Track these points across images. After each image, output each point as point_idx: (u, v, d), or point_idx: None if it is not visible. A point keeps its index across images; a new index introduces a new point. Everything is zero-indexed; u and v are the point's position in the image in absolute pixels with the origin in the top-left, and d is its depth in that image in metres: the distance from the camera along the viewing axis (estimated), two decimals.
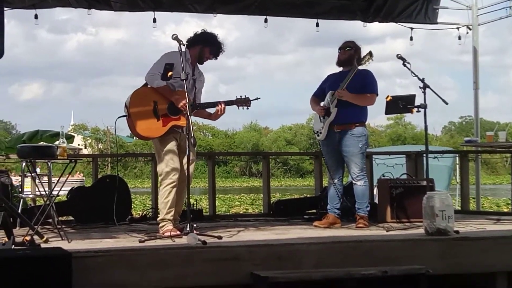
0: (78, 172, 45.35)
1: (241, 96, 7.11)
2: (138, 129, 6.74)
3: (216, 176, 10.43)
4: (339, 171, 7.90)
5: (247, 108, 7.17)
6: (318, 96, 8.01)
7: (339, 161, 7.84)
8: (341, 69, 7.86)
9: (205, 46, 7.03)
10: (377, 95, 7.73)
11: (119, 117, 6.83)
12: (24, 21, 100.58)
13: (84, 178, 44.05)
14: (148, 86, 6.84)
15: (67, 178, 7.03)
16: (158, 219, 6.91)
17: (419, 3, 11.04)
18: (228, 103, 7.05)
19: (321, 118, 7.82)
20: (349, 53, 7.77)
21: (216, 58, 7.18)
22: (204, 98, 7.23)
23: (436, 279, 5.81)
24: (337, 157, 7.81)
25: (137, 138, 7.24)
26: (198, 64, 7.13)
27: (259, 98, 7.25)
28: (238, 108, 7.13)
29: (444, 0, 11.35)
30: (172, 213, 6.73)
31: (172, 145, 6.78)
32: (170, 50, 6.74)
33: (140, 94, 6.83)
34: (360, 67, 7.59)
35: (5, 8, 6.10)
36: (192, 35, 7.10)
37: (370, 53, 7.56)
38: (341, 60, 7.83)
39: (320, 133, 7.84)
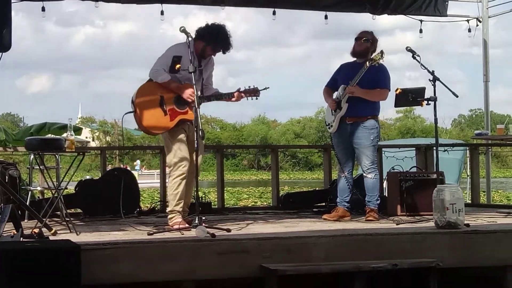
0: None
1: (249, 87, 7.06)
2: (145, 124, 6.71)
3: (225, 169, 10.39)
4: (349, 164, 7.86)
5: (256, 99, 7.11)
6: (331, 86, 7.97)
7: (350, 154, 7.80)
8: (355, 59, 7.81)
9: (208, 44, 6.87)
10: (389, 90, 7.67)
11: (126, 113, 6.80)
12: (31, 14, 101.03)
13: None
14: (153, 81, 6.80)
15: (75, 170, 7.03)
16: (167, 210, 6.89)
17: None
18: (246, 92, 6.99)
19: (333, 111, 7.78)
20: (365, 45, 7.69)
21: (224, 53, 7.06)
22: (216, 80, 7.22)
23: (447, 272, 5.78)
24: (347, 150, 7.78)
25: (145, 133, 7.21)
26: None
27: (268, 88, 7.20)
28: (247, 99, 7.07)
29: None
30: (181, 205, 6.70)
31: (181, 137, 6.73)
32: (177, 43, 6.69)
33: (146, 89, 6.78)
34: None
35: (12, 1, 6.08)
36: (203, 25, 6.95)
37: (381, 53, 7.49)
38: (356, 51, 7.75)
39: (331, 126, 7.80)
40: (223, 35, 6.91)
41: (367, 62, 7.48)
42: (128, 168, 9.79)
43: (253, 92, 7.06)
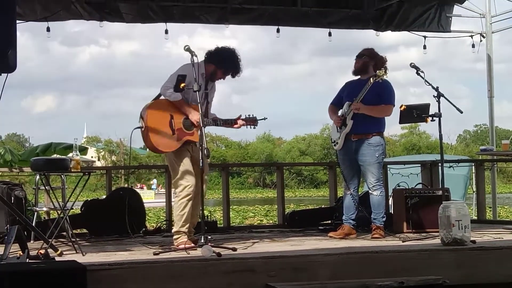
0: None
1: (249, 115, 7.17)
2: (153, 141, 6.71)
3: (230, 187, 10.38)
4: (354, 181, 7.85)
5: (254, 128, 7.26)
6: (336, 104, 7.99)
7: (355, 171, 7.79)
8: (359, 76, 7.83)
9: (219, 68, 6.96)
10: (393, 105, 7.68)
11: (135, 128, 6.81)
12: (37, 34, 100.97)
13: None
14: (163, 98, 6.82)
15: (81, 191, 7.03)
16: (172, 231, 6.88)
17: (432, 12, 11.02)
18: (246, 120, 7.11)
19: (338, 128, 7.79)
20: (363, 61, 7.74)
21: (233, 77, 7.13)
22: (216, 108, 7.24)
23: None
24: (353, 167, 7.78)
25: (150, 151, 7.22)
26: None
27: (266, 118, 7.32)
28: (246, 127, 7.20)
29: (457, 8, 11.32)
30: (187, 225, 6.70)
31: (186, 158, 6.75)
32: (187, 63, 6.72)
33: (157, 106, 6.80)
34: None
35: (17, 21, 6.11)
36: (213, 48, 7.04)
37: (385, 69, 7.50)
38: (355, 69, 7.81)
39: (337, 143, 7.80)
40: (234, 59, 7.00)
41: (371, 79, 7.50)
42: (144, 188, 9.82)
43: (252, 122, 7.19)
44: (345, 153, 7.80)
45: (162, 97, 6.83)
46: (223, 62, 6.95)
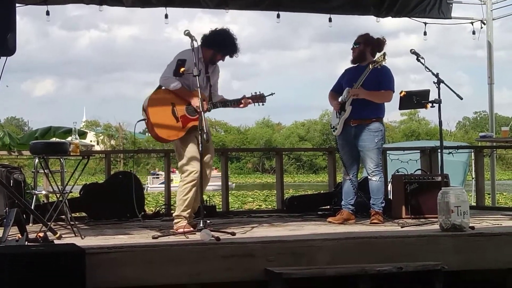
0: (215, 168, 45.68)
1: (255, 93, 7.14)
2: (158, 132, 6.71)
3: (229, 172, 10.39)
4: (354, 167, 7.85)
5: (262, 105, 7.23)
6: (336, 91, 7.97)
7: (355, 157, 7.79)
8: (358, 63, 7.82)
9: (218, 51, 6.96)
10: (393, 91, 7.67)
11: (138, 121, 6.82)
12: (36, 18, 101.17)
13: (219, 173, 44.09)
14: (163, 88, 6.82)
15: (80, 174, 7.04)
16: (173, 214, 6.89)
17: None
18: (253, 98, 7.10)
19: (337, 114, 7.78)
20: (358, 50, 7.72)
21: (231, 57, 7.11)
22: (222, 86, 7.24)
23: (452, 275, 5.77)
24: (352, 152, 7.77)
25: (157, 141, 7.24)
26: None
27: (274, 93, 7.31)
28: (254, 105, 7.17)
29: None
30: (188, 210, 6.70)
31: (193, 143, 6.72)
32: (185, 49, 6.69)
33: (158, 97, 6.79)
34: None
35: (17, 5, 6.08)
36: (208, 32, 7.01)
37: (384, 55, 7.50)
38: (353, 58, 7.80)
39: (336, 128, 7.80)
40: (230, 39, 6.99)
41: (370, 65, 7.49)
42: (176, 172, 9.75)
43: (259, 98, 7.16)
44: (344, 138, 7.79)
45: (162, 87, 6.83)
46: (221, 45, 6.94)
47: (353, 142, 7.71)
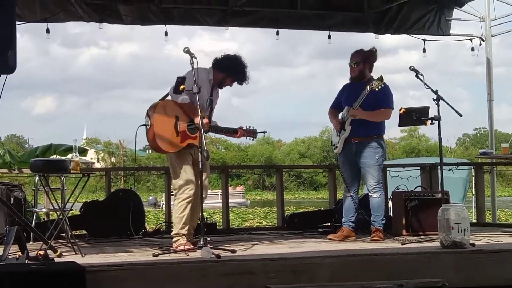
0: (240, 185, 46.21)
1: (250, 127, 7.35)
2: (157, 141, 6.71)
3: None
4: (354, 184, 7.86)
5: (252, 140, 7.54)
6: (335, 108, 7.99)
7: (355, 174, 7.80)
8: None
9: (229, 77, 7.05)
10: (392, 109, 7.69)
11: (140, 126, 6.81)
12: (36, 36, 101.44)
13: (243, 189, 44.76)
14: (171, 99, 6.83)
15: (80, 192, 7.04)
16: (172, 233, 6.88)
17: (432, 15, 11.03)
18: (246, 131, 7.29)
19: (338, 132, 7.79)
20: (358, 69, 7.75)
21: (240, 84, 7.20)
22: (216, 112, 7.26)
23: None
24: (353, 169, 7.78)
25: (152, 150, 7.26)
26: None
27: (266, 132, 7.63)
28: (246, 138, 7.38)
29: (456, 11, 11.32)
30: (186, 228, 6.70)
31: (187, 160, 6.76)
32: (200, 67, 6.66)
33: (165, 106, 6.80)
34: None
35: (17, 22, 6.11)
36: (220, 56, 7.09)
37: (380, 78, 7.50)
38: (353, 77, 7.82)
39: (337, 147, 7.81)
40: (241, 67, 7.09)
41: (368, 87, 7.49)
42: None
43: (252, 133, 7.39)
44: (345, 156, 7.80)
45: (169, 97, 6.84)
46: (233, 70, 7.04)
47: (354, 159, 7.72)
